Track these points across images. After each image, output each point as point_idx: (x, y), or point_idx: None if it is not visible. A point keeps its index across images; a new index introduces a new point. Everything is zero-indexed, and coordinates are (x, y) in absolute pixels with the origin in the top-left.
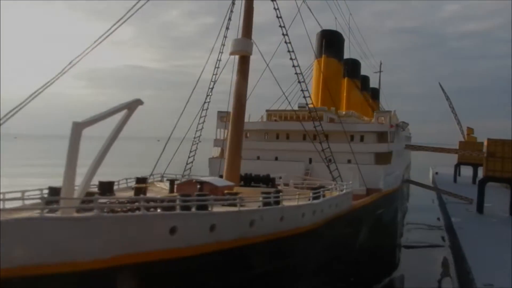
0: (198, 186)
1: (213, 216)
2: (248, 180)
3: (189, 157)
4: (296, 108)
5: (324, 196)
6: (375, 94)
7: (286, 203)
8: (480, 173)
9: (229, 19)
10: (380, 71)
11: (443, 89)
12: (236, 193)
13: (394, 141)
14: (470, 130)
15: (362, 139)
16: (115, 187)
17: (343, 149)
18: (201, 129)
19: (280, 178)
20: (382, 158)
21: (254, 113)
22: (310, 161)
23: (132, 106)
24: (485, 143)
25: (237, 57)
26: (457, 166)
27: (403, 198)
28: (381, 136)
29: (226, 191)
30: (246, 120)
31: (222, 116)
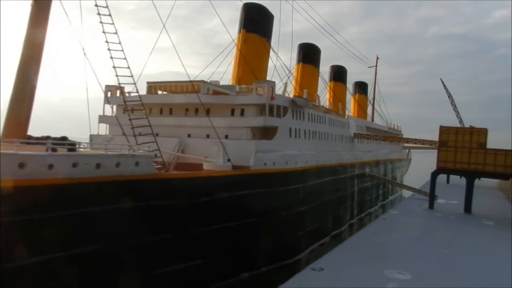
0: None
1: None
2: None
3: None
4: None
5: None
6: (362, 88)
7: None
8: None
9: None
10: (376, 66)
11: (444, 86)
12: None
13: (287, 116)
14: None
15: (242, 112)
16: None
17: (220, 124)
18: None
19: None
20: (263, 134)
21: None
22: (189, 136)
23: None
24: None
25: None
26: None
27: (342, 187)
28: (264, 110)
29: None
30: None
31: (109, 90)
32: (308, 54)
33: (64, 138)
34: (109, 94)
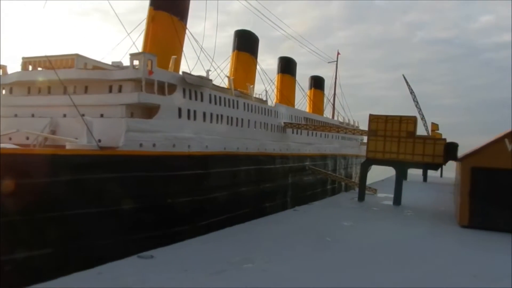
0: None
1: None
2: None
3: None
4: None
5: None
6: (318, 82)
7: None
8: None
9: None
10: (336, 61)
11: (407, 82)
12: None
13: (175, 95)
14: (435, 126)
15: (120, 89)
16: None
17: (93, 101)
18: None
19: None
20: (145, 113)
21: None
22: (65, 116)
23: None
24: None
25: None
26: None
27: (267, 178)
28: (145, 85)
29: None
30: None
31: None
32: (243, 41)
33: None
34: None
